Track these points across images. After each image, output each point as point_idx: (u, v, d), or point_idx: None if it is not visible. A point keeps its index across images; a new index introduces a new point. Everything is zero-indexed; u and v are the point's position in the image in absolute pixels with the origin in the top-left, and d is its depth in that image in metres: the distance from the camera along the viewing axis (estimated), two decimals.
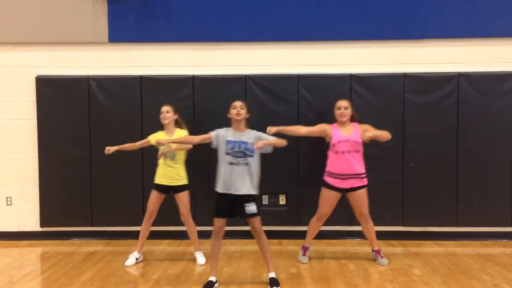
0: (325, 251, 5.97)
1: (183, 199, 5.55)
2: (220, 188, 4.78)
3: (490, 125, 6.27)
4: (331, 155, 5.49)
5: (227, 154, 4.75)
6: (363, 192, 5.47)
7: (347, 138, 5.40)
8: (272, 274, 4.86)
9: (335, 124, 5.54)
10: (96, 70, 6.48)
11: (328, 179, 5.47)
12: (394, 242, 6.32)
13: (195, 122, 6.22)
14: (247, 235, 6.40)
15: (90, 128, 6.39)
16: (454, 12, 6.32)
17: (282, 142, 4.89)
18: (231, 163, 4.73)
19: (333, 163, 5.46)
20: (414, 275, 5.12)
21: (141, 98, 6.37)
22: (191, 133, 5.60)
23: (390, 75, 6.32)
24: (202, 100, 6.34)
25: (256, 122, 5.53)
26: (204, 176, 5.85)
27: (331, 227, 6.18)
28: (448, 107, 6.28)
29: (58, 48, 6.53)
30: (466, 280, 4.98)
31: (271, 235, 6.35)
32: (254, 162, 4.80)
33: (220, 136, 4.84)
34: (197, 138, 5.02)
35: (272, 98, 6.35)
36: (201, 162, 6.06)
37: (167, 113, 5.54)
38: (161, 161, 5.53)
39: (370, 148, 6.17)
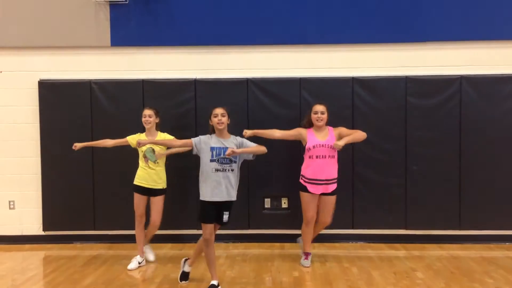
0: (328, 255, 5.96)
1: (159, 203, 5.57)
2: (206, 196, 4.69)
3: (493, 127, 6.26)
4: (306, 159, 5.50)
5: (212, 161, 4.69)
6: (332, 199, 5.51)
7: (323, 142, 5.41)
8: (214, 282, 4.79)
9: (311, 129, 5.55)
10: (99, 74, 6.50)
11: (304, 183, 5.49)
12: (397, 245, 6.31)
13: (197, 126, 6.23)
14: (250, 238, 6.42)
15: (92, 132, 6.40)
16: (456, 15, 6.32)
17: (261, 149, 4.81)
18: (217, 170, 4.67)
19: (307, 168, 5.47)
20: (417, 279, 5.10)
21: (143, 102, 6.37)
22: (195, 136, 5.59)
23: (392, 78, 6.32)
24: (204, 104, 6.33)
25: (258, 126, 5.55)
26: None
27: (334, 230, 6.18)
28: (450, 110, 6.27)
29: (61, 52, 6.55)
30: (469, 283, 4.96)
31: (273, 238, 6.39)
32: (237, 168, 4.77)
33: (203, 142, 4.75)
34: (179, 142, 4.95)
35: (274, 102, 6.36)
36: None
37: (150, 117, 5.56)
38: (142, 163, 5.54)
39: (372, 151, 6.18)
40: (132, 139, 5.61)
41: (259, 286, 4.95)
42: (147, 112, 5.57)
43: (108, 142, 5.70)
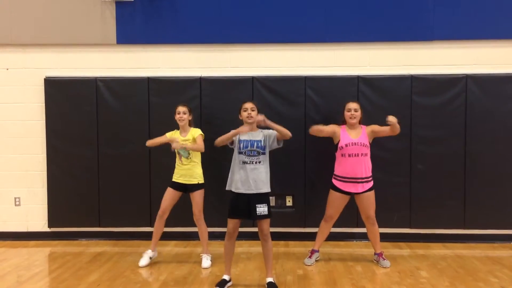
0: (332, 253, 5.97)
1: (197, 198, 5.55)
2: (233, 187, 4.79)
3: (498, 127, 6.24)
4: (338, 157, 5.48)
5: (240, 153, 4.77)
6: (370, 195, 5.46)
7: (355, 141, 5.39)
8: (270, 279, 4.83)
9: (343, 126, 5.54)
10: (104, 72, 6.52)
11: (335, 182, 5.48)
12: (401, 244, 6.31)
13: (202, 123, 6.23)
14: (254, 236, 6.41)
15: (98, 129, 6.42)
16: (462, 14, 6.30)
17: (287, 132, 4.82)
18: (245, 162, 4.75)
19: (340, 166, 5.46)
20: (422, 277, 5.10)
21: (148, 100, 6.39)
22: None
23: (397, 77, 6.31)
24: (209, 102, 6.36)
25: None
26: (216, 177, 5.83)
27: (338, 229, 6.17)
28: (455, 109, 6.26)
29: (67, 50, 6.57)
30: (474, 282, 4.97)
31: (278, 236, 6.38)
32: (266, 160, 4.82)
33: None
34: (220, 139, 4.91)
35: (279, 100, 6.36)
36: (214, 162, 6.01)
37: (184, 114, 5.55)
38: (177, 160, 5.57)
39: (377, 150, 6.16)
40: (169, 136, 5.62)
41: (263, 284, 4.95)
42: (181, 109, 5.56)
43: (156, 141, 5.64)
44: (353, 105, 5.49)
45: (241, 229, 5.64)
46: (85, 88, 6.47)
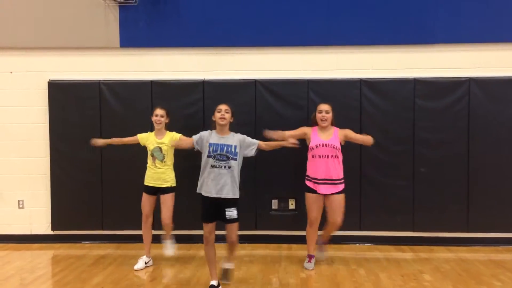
0: (335, 256, 5.96)
1: (168, 202, 5.56)
2: (202, 190, 4.75)
3: (501, 130, 6.24)
4: (309, 158, 5.50)
5: (209, 156, 4.72)
6: (340, 198, 5.45)
7: (326, 142, 5.40)
8: (214, 282, 4.84)
9: (315, 128, 5.54)
10: (108, 75, 6.54)
11: (308, 183, 5.50)
12: (404, 247, 6.30)
13: (205, 127, 6.23)
14: (257, 239, 6.43)
15: (101, 132, 6.43)
16: (465, 17, 6.30)
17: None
18: (213, 166, 4.69)
19: (311, 167, 5.47)
20: (425, 281, 5.09)
21: (151, 103, 6.40)
22: None
23: (400, 80, 6.31)
24: (212, 105, 6.27)
25: (265, 127, 5.55)
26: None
27: (341, 232, 6.15)
28: (458, 112, 6.26)
29: (70, 53, 6.60)
30: (477, 286, 4.95)
31: (280, 239, 6.39)
32: (237, 166, 4.75)
33: (204, 138, 4.81)
34: (184, 142, 5.10)
35: (281, 103, 6.37)
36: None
37: (161, 117, 5.57)
38: (149, 163, 5.57)
39: (380, 153, 6.18)
40: (141, 138, 5.66)
41: (266, 287, 4.96)
42: (159, 112, 5.58)
43: (122, 140, 5.74)
44: (324, 107, 5.50)
45: (243, 232, 5.64)
46: (88, 91, 6.49)
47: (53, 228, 6.62)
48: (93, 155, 6.43)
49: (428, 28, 6.34)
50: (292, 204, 6.45)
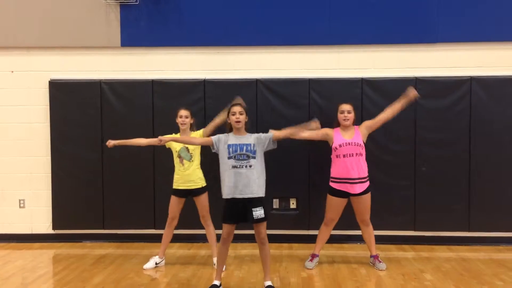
0: (336, 256, 5.96)
1: (203, 202, 5.51)
2: (226, 194, 4.70)
3: (503, 129, 6.22)
4: (334, 159, 5.47)
5: (230, 158, 4.69)
6: (367, 198, 5.44)
7: (349, 141, 5.38)
8: (268, 283, 4.79)
9: (337, 128, 5.54)
10: (109, 74, 6.54)
11: (332, 185, 5.46)
12: (406, 246, 6.29)
13: (206, 126, 6.23)
14: None
15: (102, 131, 6.44)
16: (466, 16, 6.29)
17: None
18: (235, 167, 4.66)
19: (336, 167, 5.45)
20: (426, 280, 5.09)
21: (152, 102, 6.41)
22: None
23: (401, 79, 6.30)
24: (213, 104, 6.36)
25: (267, 126, 5.53)
26: (211, 180, 5.81)
27: (342, 231, 6.18)
28: (460, 111, 6.25)
29: (71, 53, 6.60)
30: (478, 285, 4.94)
31: (281, 239, 6.38)
32: (258, 163, 4.71)
33: (221, 140, 4.76)
34: (199, 140, 5.12)
35: (283, 102, 6.36)
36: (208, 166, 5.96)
37: (186, 118, 5.50)
38: (177, 166, 5.50)
39: (382, 153, 6.17)
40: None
41: None
42: (184, 113, 5.50)
43: (142, 141, 5.52)
44: (346, 107, 5.48)
45: (245, 232, 5.65)
46: (89, 90, 6.49)
47: (54, 227, 6.62)
48: (94, 154, 6.44)
49: (429, 27, 6.34)
50: (293, 203, 6.45)
